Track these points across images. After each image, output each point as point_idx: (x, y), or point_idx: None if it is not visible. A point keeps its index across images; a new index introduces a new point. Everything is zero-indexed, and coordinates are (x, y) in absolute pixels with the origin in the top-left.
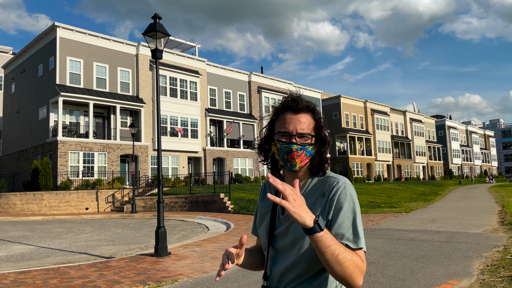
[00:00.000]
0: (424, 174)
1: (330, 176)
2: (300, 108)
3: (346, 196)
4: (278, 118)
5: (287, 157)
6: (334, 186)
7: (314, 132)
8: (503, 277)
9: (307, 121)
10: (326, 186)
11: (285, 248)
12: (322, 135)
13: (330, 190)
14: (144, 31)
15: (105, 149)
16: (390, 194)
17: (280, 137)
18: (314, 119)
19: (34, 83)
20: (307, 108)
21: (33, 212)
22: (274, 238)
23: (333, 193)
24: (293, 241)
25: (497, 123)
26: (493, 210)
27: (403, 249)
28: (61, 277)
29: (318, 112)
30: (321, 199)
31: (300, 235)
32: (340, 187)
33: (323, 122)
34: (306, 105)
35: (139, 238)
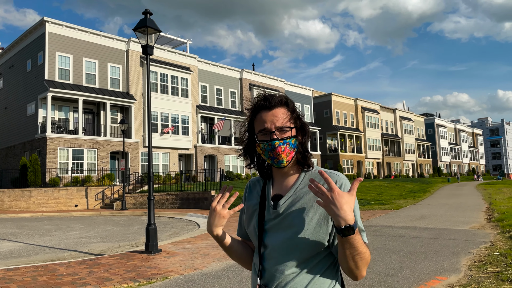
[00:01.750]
0: (414, 172)
1: (329, 172)
2: (273, 104)
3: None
4: (256, 119)
5: (272, 154)
6: (336, 182)
7: (293, 123)
8: (490, 273)
9: (283, 114)
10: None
11: (278, 243)
12: (300, 124)
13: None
14: (134, 27)
15: (95, 145)
16: (380, 191)
17: (261, 136)
18: (289, 111)
19: (22, 79)
20: (280, 102)
21: (21, 209)
22: (265, 233)
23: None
24: (287, 236)
25: (485, 122)
26: (481, 207)
27: (392, 245)
28: (50, 274)
29: (292, 103)
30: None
31: (295, 230)
32: (342, 183)
33: (298, 112)
34: (278, 100)
35: (129, 235)
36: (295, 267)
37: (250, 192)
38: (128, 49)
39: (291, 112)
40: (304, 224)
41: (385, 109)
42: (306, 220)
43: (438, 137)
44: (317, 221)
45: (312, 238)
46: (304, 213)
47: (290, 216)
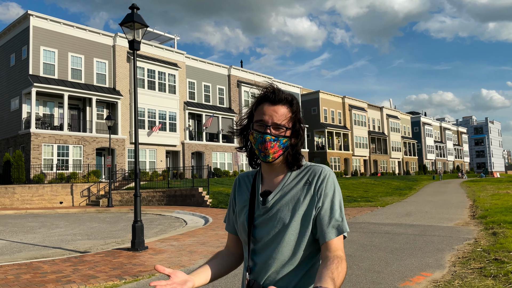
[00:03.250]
0: (400, 169)
1: (313, 165)
2: (278, 100)
3: (333, 183)
4: (258, 108)
5: (261, 147)
6: (321, 174)
7: (291, 124)
8: (473, 269)
9: (284, 113)
10: (311, 174)
11: (268, 238)
12: (297, 128)
13: (317, 178)
14: (121, 22)
15: (81, 142)
16: (367, 188)
17: (257, 126)
18: (291, 112)
19: (5, 73)
20: (285, 100)
21: (4, 206)
22: (255, 229)
23: (321, 181)
24: (276, 230)
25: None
26: (465, 204)
27: (378, 242)
28: (34, 272)
29: (297, 105)
30: (307, 187)
31: (282, 224)
32: (327, 175)
33: (300, 116)
34: (284, 97)
35: (115, 233)
36: (284, 262)
37: (240, 187)
38: (115, 44)
39: (292, 113)
40: (290, 219)
41: (372, 107)
42: (291, 215)
43: (424, 135)
44: (301, 216)
45: (299, 232)
46: (290, 208)
47: (278, 211)
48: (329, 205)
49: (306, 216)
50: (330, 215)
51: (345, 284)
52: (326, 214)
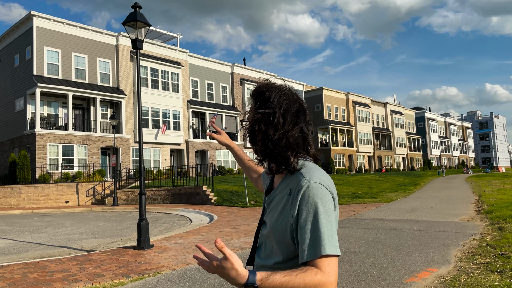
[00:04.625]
0: (404, 165)
1: (300, 172)
2: (251, 95)
3: (308, 197)
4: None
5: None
6: (298, 185)
7: (251, 119)
8: (479, 264)
9: (251, 107)
10: (293, 183)
11: (266, 234)
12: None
13: (295, 189)
14: (124, 21)
15: (85, 141)
16: (371, 185)
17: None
18: (254, 104)
19: (10, 74)
20: (252, 95)
21: (11, 206)
22: (264, 223)
23: (296, 194)
24: (266, 232)
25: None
26: (470, 199)
27: (383, 238)
28: (40, 271)
29: (263, 98)
30: (288, 198)
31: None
32: (303, 187)
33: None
34: (253, 92)
35: (121, 231)
36: (272, 265)
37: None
38: (118, 44)
39: (255, 105)
40: (272, 224)
41: (376, 103)
42: (274, 221)
43: (428, 130)
44: (280, 225)
45: (279, 236)
46: (274, 213)
47: (268, 215)
48: (304, 225)
49: (283, 226)
50: (304, 238)
51: (350, 281)
52: (299, 236)
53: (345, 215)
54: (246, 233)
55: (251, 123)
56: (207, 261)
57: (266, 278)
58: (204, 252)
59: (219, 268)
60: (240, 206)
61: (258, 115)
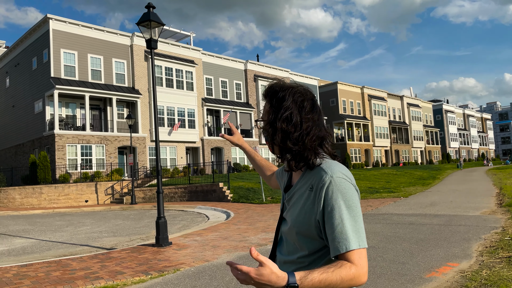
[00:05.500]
0: (422, 159)
1: (320, 167)
2: (264, 95)
3: (332, 192)
4: None
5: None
6: (321, 180)
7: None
8: (501, 258)
9: (266, 107)
10: (314, 178)
11: (284, 234)
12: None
13: (317, 185)
14: (138, 21)
15: (103, 141)
16: (389, 179)
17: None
18: (269, 104)
19: (28, 77)
20: (265, 95)
21: (32, 206)
22: (284, 220)
23: (320, 190)
24: (286, 228)
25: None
26: (491, 192)
27: (402, 233)
28: (63, 269)
29: (277, 98)
30: (309, 193)
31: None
32: (326, 182)
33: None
34: (266, 92)
35: (139, 229)
36: (296, 259)
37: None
38: (132, 44)
39: (270, 105)
40: (294, 221)
41: (392, 96)
42: (295, 217)
43: (446, 123)
44: (304, 220)
45: (301, 235)
46: (295, 210)
47: (289, 211)
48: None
49: (306, 223)
50: (334, 233)
51: (370, 276)
52: (331, 234)
53: (363, 210)
54: (263, 229)
55: (267, 122)
56: (242, 274)
57: (304, 277)
58: (237, 268)
59: (258, 276)
60: (256, 202)
61: (274, 114)
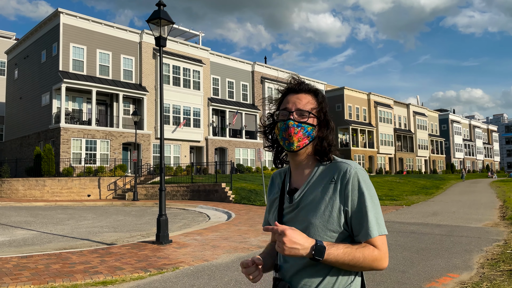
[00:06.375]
0: (426, 168)
1: (339, 162)
2: (301, 89)
3: (359, 183)
4: (282, 102)
5: (285, 134)
6: (346, 173)
7: (315, 113)
8: (503, 271)
9: (307, 100)
10: (336, 171)
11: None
12: (323, 117)
13: (342, 177)
14: (148, 18)
15: (108, 136)
16: (392, 187)
17: (281, 116)
18: (316, 101)
19: (37, 69)
20: (308, 90)
21: (35, 198)
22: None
23: (346, 181)
24: (302, 229)
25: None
26: (494, 204)
27: (403, 241)
28: (63, 262)
29: (322, 96)
30: (332, 186)
31: (308, 223)
32: (352, 173)
33: (325, 107)
34: (308, 87)
35: (140, 226)
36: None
37: (272, 185)
38: (141, 41)
39: (317, 102)
40: (315, 218)
41: (398, 104)
42: (318, 213)
43: (452, 133)
44: (329, 214)
45: (325, 231)
46: (315, 207)
47: (304, 209)
48: (358, 211)
49: (332, 216)
50: (361, 223)
51: (369, 284)
52: (357, 222)
53: None
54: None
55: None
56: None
57: (331, 245)
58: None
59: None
60: (258, 204)
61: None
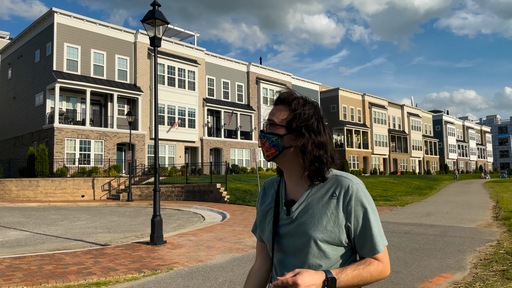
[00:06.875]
0: (420, 168)
1: (339, 175)
2: (278, 100)
3: (362, 198)
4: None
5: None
6: (349, 189)
7: (285, 122)
8: (495, 271)
9: (280, 112)
10: (338, 187)
11: (295, 249)
12: (295, 125)
13: (345, 194)
14: (143, 18)
15: (102, 137)
16: (386, 187)
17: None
18: (289, 111)
19: (30, 69)
20: (283, 100)
21: (28, 198)
22: (280, 238)
23: (349, 198)
24: (303, 243)
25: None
26: (488, 205)
27: (397, 241)
28: (56, 263)
29: (297, 105)
30: (333, 201)
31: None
32: (354, 190)
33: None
34: (282, 97)
35: (134, 226)
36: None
37: (264, 194)
38: (136, 41)
39: (290, 112)
40: (317, 233)
41: (392, 104)
42: (319, 228)
43: (445, 134)
44: (331, 229)
45: (327, 245)
46: (317, 221)
47: (304, 224)
48: (362, 227)
49: (334, 232)
50: (365, 238)
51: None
52: (361, 237)
53: None
54: None
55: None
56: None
57: (340, 273)
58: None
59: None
60: (253, 205)
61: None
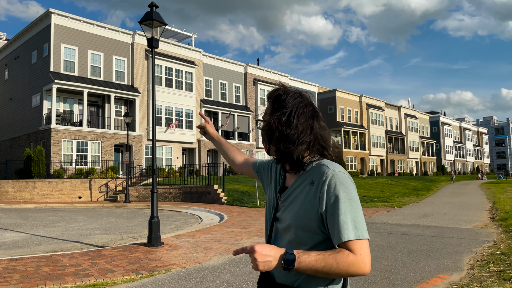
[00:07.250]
0: (417, 170)
1: (321, 164)
2: (267, 97)
3: (335, 185)
4: None
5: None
6: (323, 174)
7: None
8: (492, 272)
9: (267, 108)
10: (315, 174)
11: (280, 234)
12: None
13: (319, 179)
14: (140, 19)
15: (99, 138)
16: (383, 188)
17: None
18: (270, 106)
19: (27, 70)
20: (269, 97)
21: (25, 199)
22: (277, 221)
23: (322, 183)
24: (284, 226)
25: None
26: (484, 206)
27: (394, 243)
28: (53, 264)
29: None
30: (309, 187)
31: (289, 221)
32: (329, 176)
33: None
34: (270, 94)
35: (132, 228)
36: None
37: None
38: (133, 42)
39: (271, 107)
40: (294, 218)
41: (390, 106)
42: (295, 214)
43: (443, 135)
44: (305, 215)
45: (303, 231)
46: (295, 206)
47: (287, 209)
48: (332, 214)
49: (308, 217)
50: (333, 225)
51: (360, 285)
52: (331, 225)
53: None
54: (256, 233)
55: (268, 122)
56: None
57: (303, 253)
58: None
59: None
60: (250, 206)
61: (275, 116)
